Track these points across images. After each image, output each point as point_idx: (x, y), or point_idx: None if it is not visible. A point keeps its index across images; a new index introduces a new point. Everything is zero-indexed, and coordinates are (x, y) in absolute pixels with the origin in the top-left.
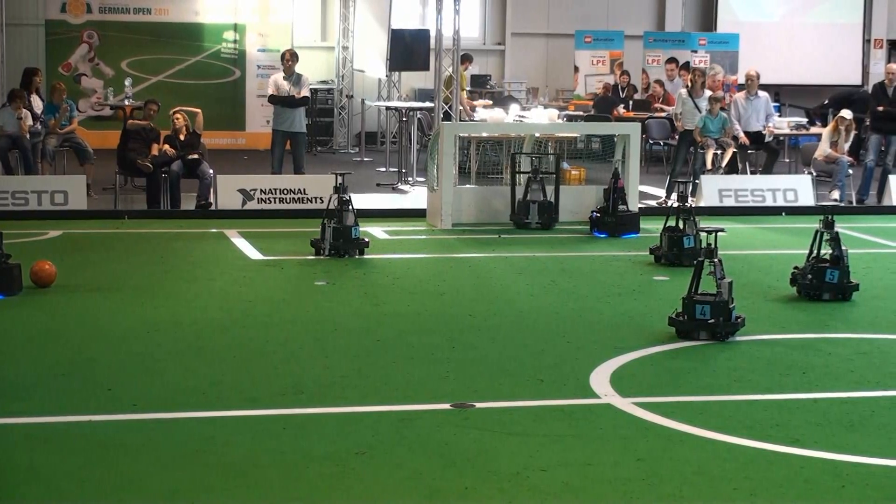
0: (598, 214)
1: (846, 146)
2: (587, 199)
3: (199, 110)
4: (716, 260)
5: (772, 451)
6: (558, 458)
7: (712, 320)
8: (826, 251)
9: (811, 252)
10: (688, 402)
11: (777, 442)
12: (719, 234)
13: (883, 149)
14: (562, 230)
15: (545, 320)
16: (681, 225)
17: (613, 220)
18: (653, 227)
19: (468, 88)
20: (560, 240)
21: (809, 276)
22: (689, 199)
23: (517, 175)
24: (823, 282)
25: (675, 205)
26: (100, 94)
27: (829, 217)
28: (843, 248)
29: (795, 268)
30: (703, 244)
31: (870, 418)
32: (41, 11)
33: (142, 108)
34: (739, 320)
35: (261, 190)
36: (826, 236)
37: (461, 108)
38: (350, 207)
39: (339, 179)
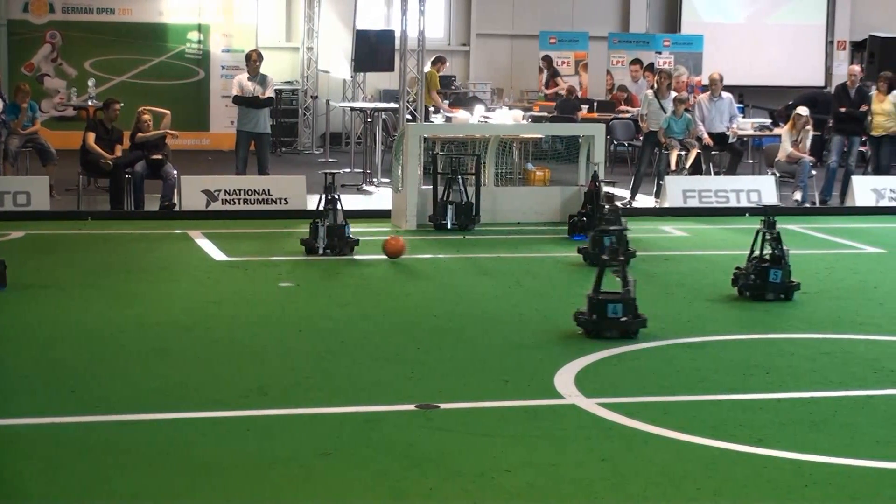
0: (579, 217)
1: (807, 143)
2: (552, 200)
3: (167, 112)
4: (621, 258)
5: (735, 451)
6: (523, 459)
7: (624, 318)
8: (767, 251)
9: (752, 252)
10: (652, 402)
11: (741, 442)
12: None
13: (845, 150)
14: (528, 231)
15: (510, 321)
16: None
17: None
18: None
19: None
20: (525, 241)
21: (753, 276)
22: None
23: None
24: (767, 281)
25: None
26: (63, 94)
27: (771, 217)
28: (784, 247)
29: (737, 268)
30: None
31: (832, 418)
32: (3, 11)
33: (104, 109)
34: (643, 317)
35: (225, 191)
36: (767, 236)
37: (433, 106)
38: (340, 206)
39: (329, 179)
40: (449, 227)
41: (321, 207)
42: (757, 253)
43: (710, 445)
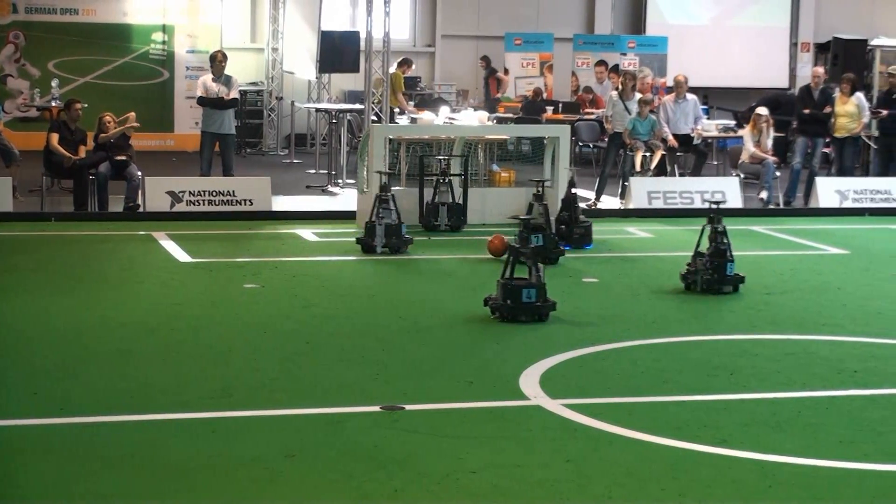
0: (562, 226)
1: (769, 142)
2: (517, 201)
3: (133, 114)
4: (531, 246)
5: (699, 452)
6: (488, 460)
7: (537, 302)
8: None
9: (698, 247)
10: (616, 403)
11: (705, 442)
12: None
13: (809, 151)
14: (493, 232)
15: (475, 322)
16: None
17: (582, 230)
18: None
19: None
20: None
21: (711, 272)
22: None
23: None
24: (725, 275)
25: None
26: (26, 95)
27: (717, 212)
28: (727, 241)
29: (688, 265)
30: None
31: (796, 418)
32: None
33: (66, 109)
34: (552, 301)
35: (189, 192)
36: (711, 231)
37: (398, 108)
38: (395, 205)
39: (384, 179)
40: (442, 227)
41: (377, 207)
42: (702, 248)
43: (674, 446)
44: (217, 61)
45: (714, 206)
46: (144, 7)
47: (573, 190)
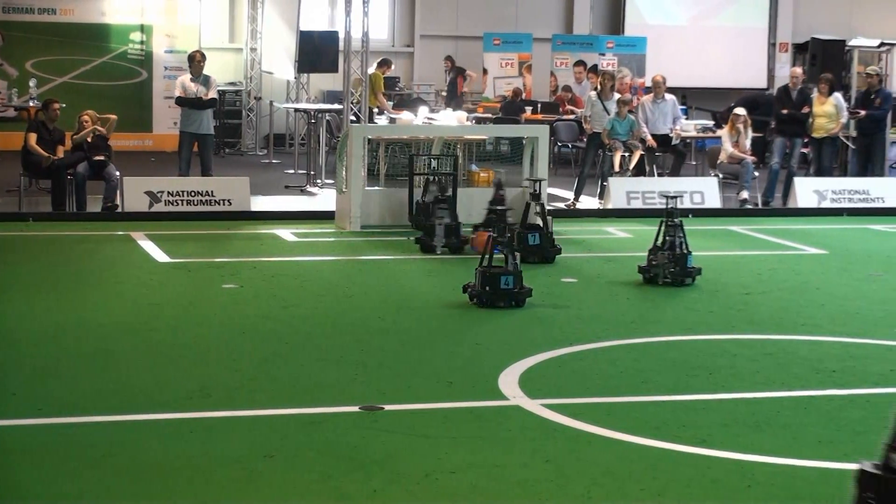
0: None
1: (747, 143)
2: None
3: (114, 116)
4: (507, 235)
5: (679, 452)
6: (467, 460)
7: (516, 289)
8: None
9: (657, 241)
10: (595, 403)
11: (684, 442)
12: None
13: (787, 151)
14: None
15: (454, 322)
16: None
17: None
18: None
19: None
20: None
21: (674, 265)
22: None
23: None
24: (686, 268)
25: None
26: (3, 95)
27: (673, 207)
28: (683, 234)
29: (651, 259)
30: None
31: (775, 418)
32: None
33: (44, 109)
34: (528, 288)
35: (168, 192)
36: (667, 225)
37: (378, 108)
38: (455, 205)
39: (444, 180)
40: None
41: (434, 208)
42: (660, 242)
43: (653, 446)
44: (196, 61)
45: (670, 199)
46: (122, 7)
47: (501, 192)
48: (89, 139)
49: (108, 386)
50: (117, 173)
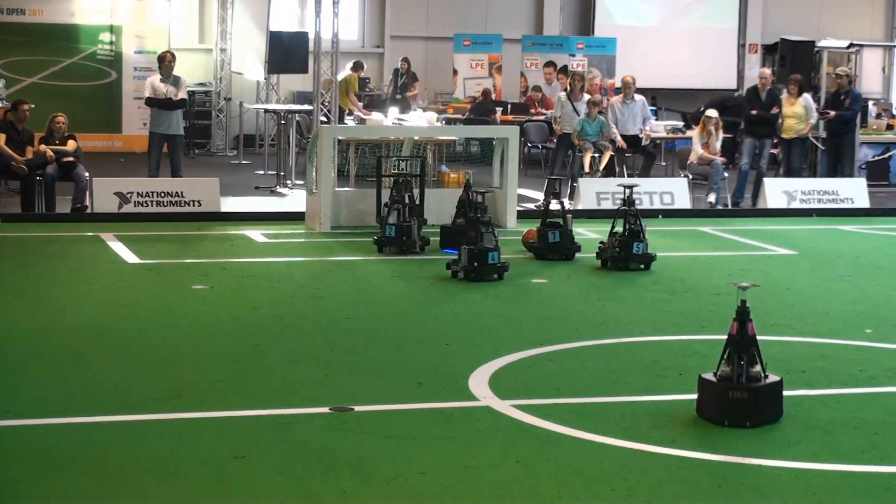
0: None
1: (717, 144)
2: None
3: (74, 143)
4: (487, 217)
5: (649, 452)
6: (437, 461)
7: (499, 263)
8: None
9: (613, 228)
10: (566, 403)
11: (654, 443)
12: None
13: (757, 152)
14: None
15: (424, 323)
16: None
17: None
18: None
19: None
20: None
21: (617, 249)
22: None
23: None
24: (631, 253)
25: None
26: None
27: (630, 195)
28: (640, 222)
29: (601, 244)
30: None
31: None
32: None
33: (13, 110)
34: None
35: (137, 193)
36: (625, 213)
37: (350, 109)
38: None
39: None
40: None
41: (392, 208)
42: (618, 229)
43: (623, 446)
44: (166, 62)
45: (627, 188)
46: (92, 7)
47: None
48: (57, 142)
49: (77, 387)
50: (86, 174)
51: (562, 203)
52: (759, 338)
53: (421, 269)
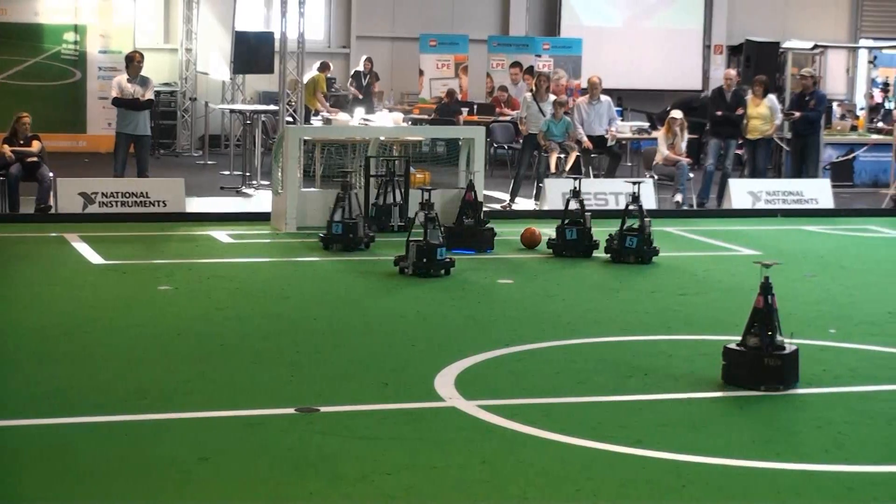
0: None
1: (683, 145)
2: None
3: (38, 144)
4: (434, 213)
5: (614, 452)
6: (403, 462)
7: (447, 259)
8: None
9: (623, 223)
10: (532, 404)
11: (620, 443)
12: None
13: (722, 153)
14: (393, 234)
15: (390, 324)
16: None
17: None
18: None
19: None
20: (398, 243)
21: (615, 242)
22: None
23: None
24: (624, 247)
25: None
26: None
27: (636, 192)
28: (647, 219)
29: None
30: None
31: (710, 418)
32: None
33: None
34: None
35: (102, 193)
36: (632, 208)
37: (317, 109)
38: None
39: (347, 178)
40: (395, 228)
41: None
42: (631, 224)
43: (589, 447)
44: (134, 62)
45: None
46: (56, 7)
47: (473, 193)
48: (21, 142)
49: (41, 388)
50: (51, 174)
51: (581, 202)
52: (725, 338)
53: (388, 269)
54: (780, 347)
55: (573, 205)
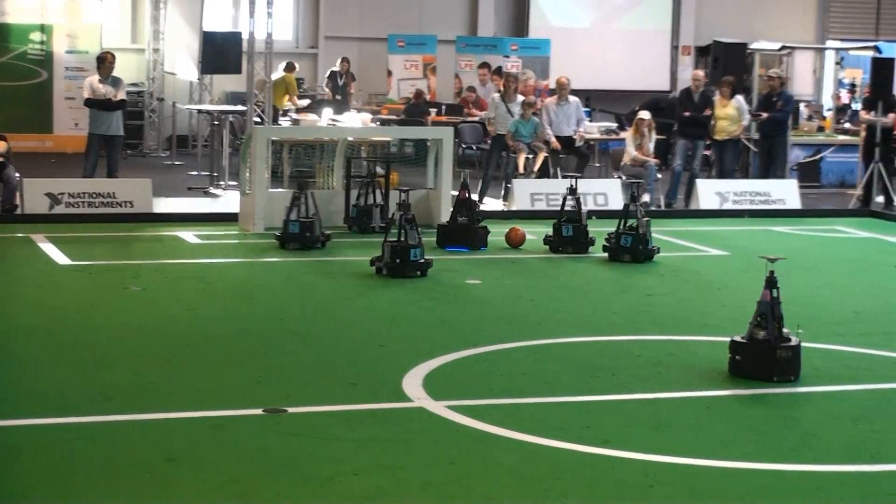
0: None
1: (651, 146)
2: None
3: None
4: (411, 214)
5: (582, 452)
6: (371, 462)
7: (422, 260)
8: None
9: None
10: (499, 404)
11: (587, 443)
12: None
13: (690, 153)
14: (377, 234)
15: (358, 324)
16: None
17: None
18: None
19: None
20: (372, 243)
21: (613, 240)
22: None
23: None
24: (619, 245)
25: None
26: None
27: (636, 192)
28: (646, 219)
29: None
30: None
31: (678, 418)
32: None
33: None
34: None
35: (69, 194)
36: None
37: (291, 107)
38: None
39: (301, 175)
40: (377, 229)
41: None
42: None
43: (557, 447)
44: (106, 62)
45: (634, 184)
46: (23, 6)
47: (467, 192)
48: None
49: (8, 390)
50: (17, 175)
51: (577, 199)
52: (692, 338)
53: (356, 269)
54: (787, 339)
55: (570, 202)
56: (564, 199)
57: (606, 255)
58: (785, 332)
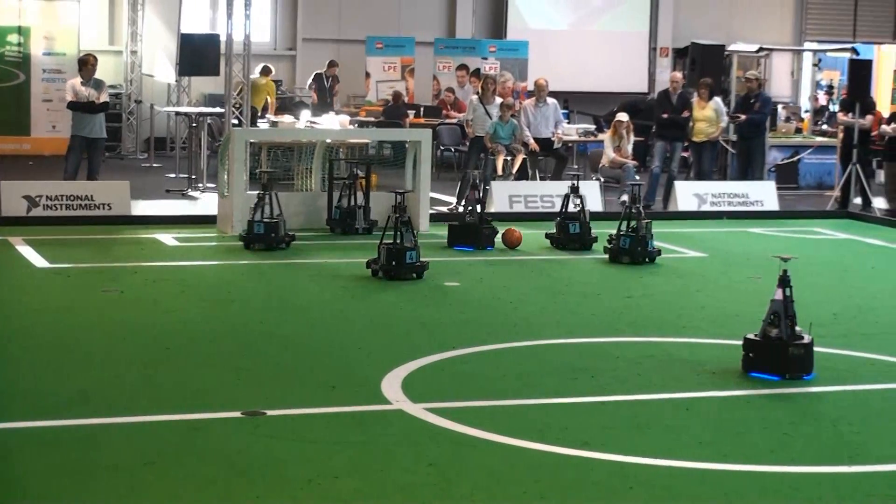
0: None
1: (629, 147)
2: (380, 205)
3: None
4: (407, 217)
5: (561, 454)
6: (350, 465)
7: (417, 262)
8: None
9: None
10: (478, 406)
11: (566, 445)
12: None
13: (668, 155)
14: (357, 236)
15: (337, 327)
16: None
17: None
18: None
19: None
20: (353, 246)
21: (614, 241)
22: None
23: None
24: (618, 247)
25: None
26: None
27: (636, 193)
28: (646, 221)
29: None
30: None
31: (656, 420)
32: None
33: None
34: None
35: (47, 196)
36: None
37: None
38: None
39: (264, 177)
40: (360, 230)
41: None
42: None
43: (536, 449)
44: (88, 65)
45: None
46: None
47: (477, 192)
48: None
49: None
50: None
51: (581, 198)
52: (670, 340)
53: (336, 271)
54: (799, 337)
55: (573, 201)
56: (567, 199)
57: (607, 256)
58: (798, 331)
